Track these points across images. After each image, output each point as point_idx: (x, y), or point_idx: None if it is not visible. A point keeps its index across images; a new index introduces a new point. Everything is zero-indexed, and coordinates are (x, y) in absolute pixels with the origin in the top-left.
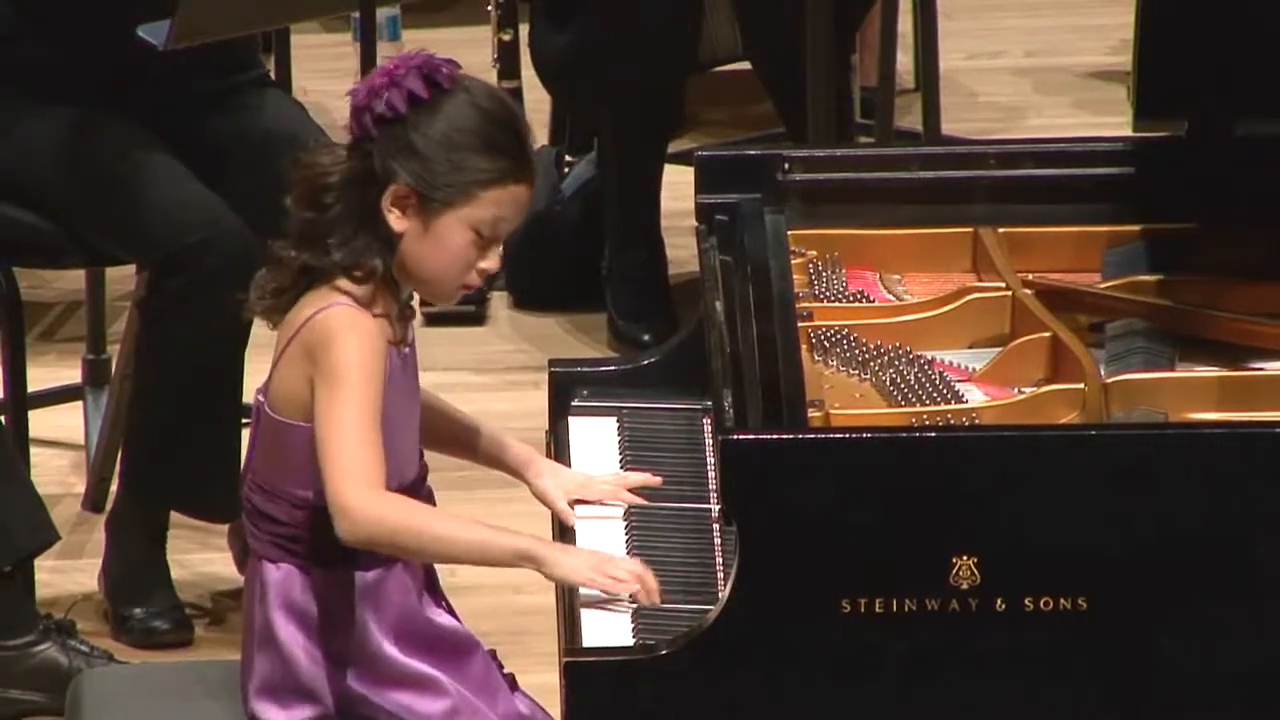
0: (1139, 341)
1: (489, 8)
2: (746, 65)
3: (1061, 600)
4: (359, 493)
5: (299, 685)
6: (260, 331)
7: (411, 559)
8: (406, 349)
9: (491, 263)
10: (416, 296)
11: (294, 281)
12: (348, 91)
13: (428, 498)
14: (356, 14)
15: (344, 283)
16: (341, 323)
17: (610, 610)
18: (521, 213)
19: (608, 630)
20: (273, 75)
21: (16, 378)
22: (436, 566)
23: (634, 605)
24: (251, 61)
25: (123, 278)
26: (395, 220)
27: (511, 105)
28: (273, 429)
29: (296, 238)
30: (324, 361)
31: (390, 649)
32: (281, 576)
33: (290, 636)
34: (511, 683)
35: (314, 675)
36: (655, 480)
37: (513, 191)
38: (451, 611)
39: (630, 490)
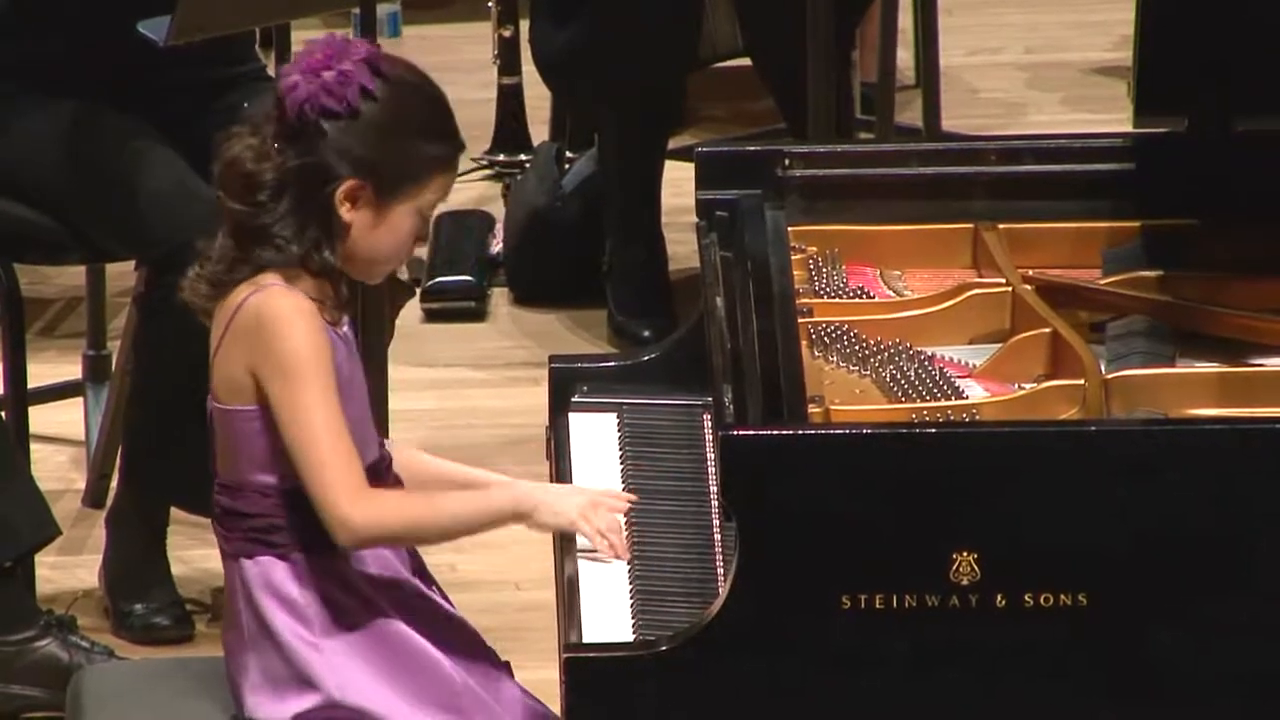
0: (1139, 343)
1: (489, 3)
2: (747, 61)
3: (1062, 596)
4: (353, 503)
5: (299, 675)
6: None
7: (410, 546)
8: (345, 329)
9: (422, 237)
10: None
11: (231, 274)
12: (284, 91)
13: (394, 483)
14: (357, 10)
15: (282, 270)
16: (281, 308)
17: (611, 606)
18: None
19: (608, 626)
20: (273, 72)
21: (17, 374)
22: (431, 562)
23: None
24: (248, 55)
25: (123, 274)
26: (346, 212)
27: (433, 82)
28: (223, 421)
29: (235, 232)
30: (271, 352)
31: (394, 625)
32: (261, 569)
33: (283, 625)
34: (507, 672)
35: (312, 662)
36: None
37: (453, 171)
38: (446, 599)
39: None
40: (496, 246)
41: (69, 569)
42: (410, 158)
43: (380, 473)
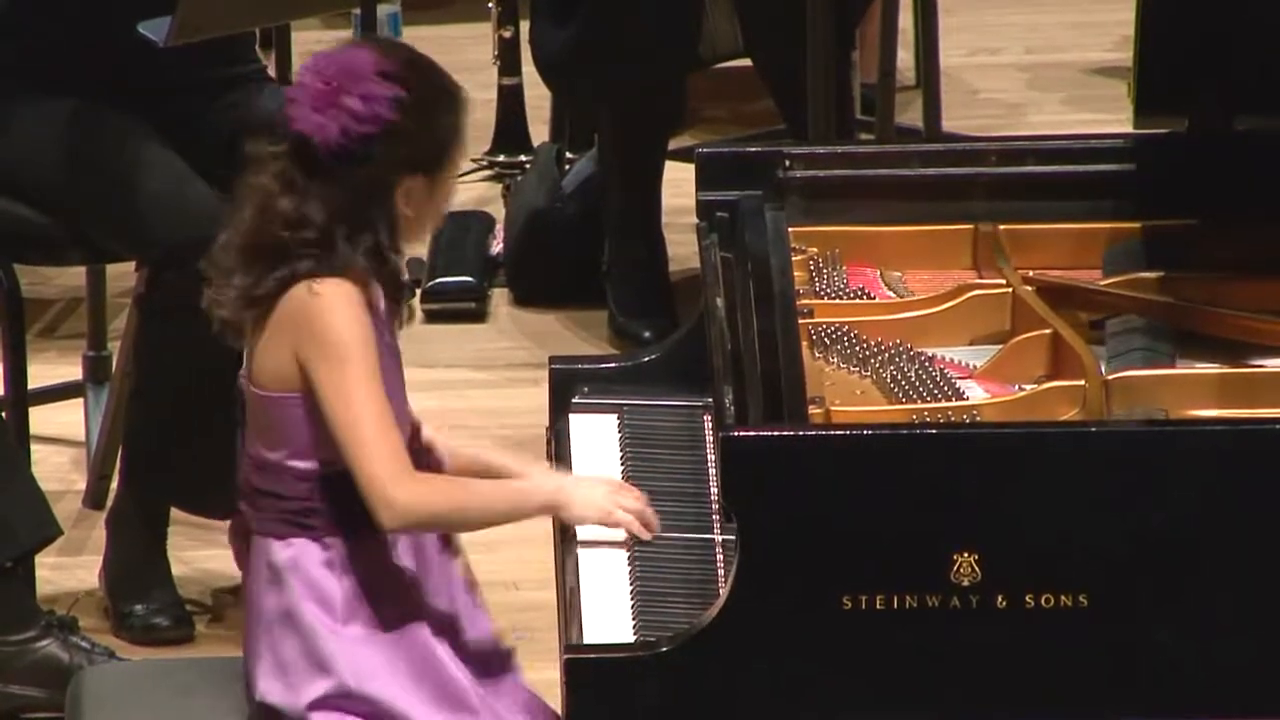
0: (1139, 341)
1: (490, 4)
2: (747, 62)
3: (1062, 597)
4: (398, 483)
5: (315, 659)
6: None
7: (449, 532)
8: (381, 309)
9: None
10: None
11: (259, 283)
12: (311, 131)
13: (429, 449)
14: (358, 11)
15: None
16: (326, 291)
17: (611, 606)
18: None
19: (609, 627)
20: (273, 72)
21: (17, 374)
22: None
23: (634, 543)
24: (248, 55)
25: (123, 274)
26: (407, 206)
27: (413, 47)
28: (261, 406)
29: (280, 254)
30: (318, 335)
31: (415, 618)
32: (294, 553)
33: (307, 608)
34: (516, 671)
35: (330, 647)
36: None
37: (467, 112)
38: (466, 582)
39: (634, 508)
40: (497, 247)
41: (69, 570)
42: (444, 133)
43: (412, 446)
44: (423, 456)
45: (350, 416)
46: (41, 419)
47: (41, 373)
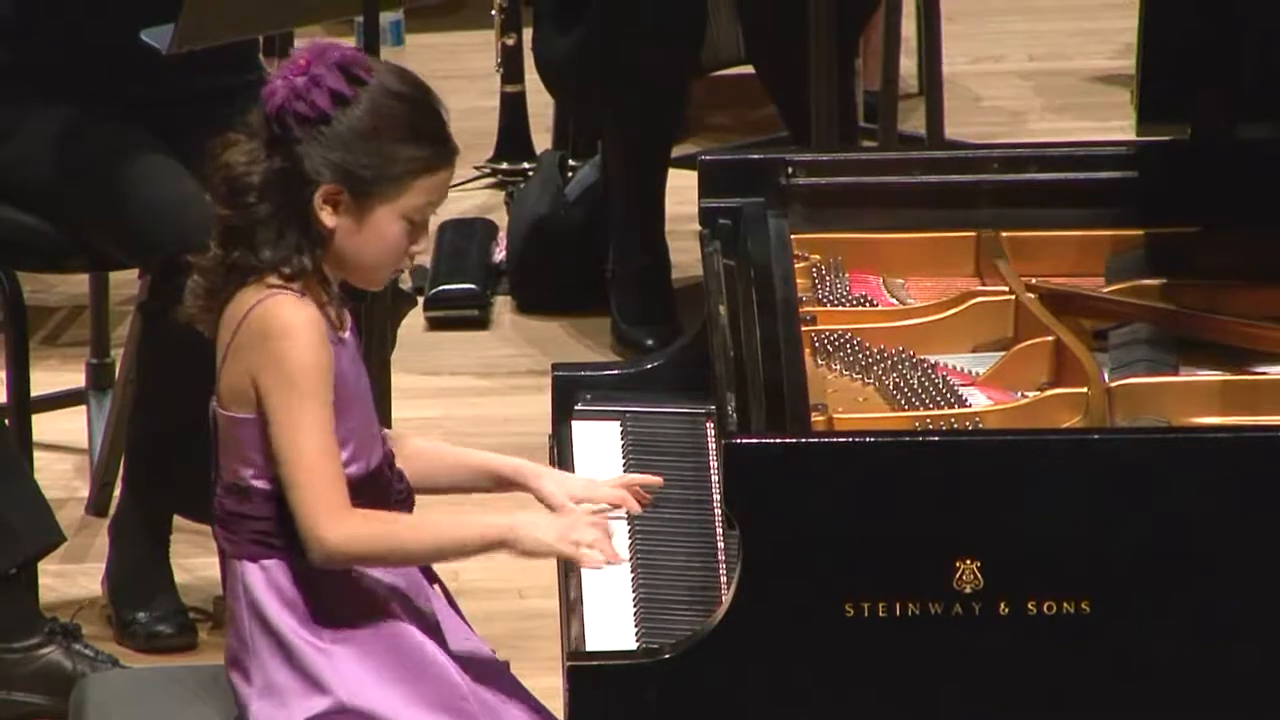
0: (1142, 351)
1: (493, 12)
2: (750, 69)
3: (1065, 604)
4: (331, 521)
5: (307, 679)
6: None
7: (392, 567)
8: (347, 334)
9: (421, 246)
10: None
11: (223, 281)
12: (265, 95)
13: (398, 480)
14: (360, 18)
15: (274, 278)
16: (287, 315)
17: (614, 613)
18: (445, 194)
19: (611, 634)
20: None
21: (20, 382)
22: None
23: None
24: (251, 62)
25: (126, 282)
26: (328, 217)
27: (428, 87)
28: (229, 427)
29: (221, 236)
30: (272, 361)
31: (402, 628)
32: (267, 573)
33: (291, 629)
34: (509, 677)
35: (321, 667)
36: (656, 480)
37: (442, 177)
38: (451, 602)
39: (633, 492)
40: (500, 254)
41: (72, 577)
42: (385, 162)
43: (383, 473)
44: (393, 484)
45: (292, 450)
46: (44, 426)
47: (44, 380)
